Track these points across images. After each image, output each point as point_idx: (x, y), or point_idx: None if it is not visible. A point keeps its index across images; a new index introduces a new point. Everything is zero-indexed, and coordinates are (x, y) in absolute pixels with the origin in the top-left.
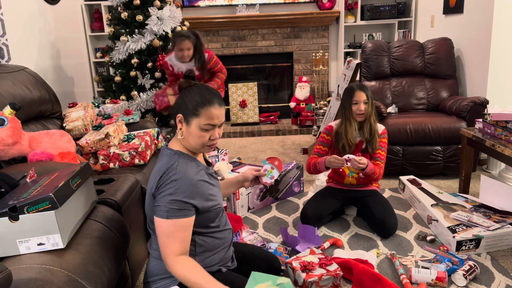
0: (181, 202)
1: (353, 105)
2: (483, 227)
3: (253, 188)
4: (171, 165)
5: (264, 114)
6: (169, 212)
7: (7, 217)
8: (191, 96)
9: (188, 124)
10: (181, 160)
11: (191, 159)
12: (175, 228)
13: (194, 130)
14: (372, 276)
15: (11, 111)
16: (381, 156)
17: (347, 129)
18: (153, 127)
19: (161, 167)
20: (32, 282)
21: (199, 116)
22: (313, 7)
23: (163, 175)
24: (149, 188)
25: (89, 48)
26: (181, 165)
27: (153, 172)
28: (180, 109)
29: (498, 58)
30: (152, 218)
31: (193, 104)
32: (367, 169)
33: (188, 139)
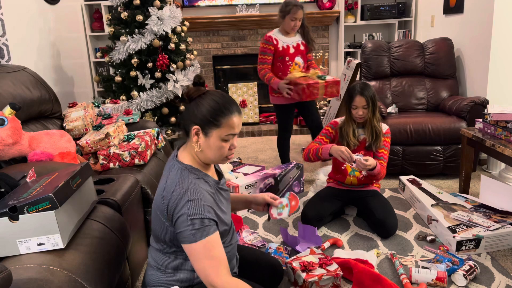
0: (201, 219)
1: (352, 109)
2: (483, 227)
3: (253, 188)
4: (183, 185)
5: (264, 114)
6: (195, 235)
7: (7, 217)
8: (208, 105)
9: (207, 135)
10: (192, 177)
11: (202, 175)
12: (207, 248)
13: (214, 141)
14: (372, 276)
15: (11, 111)
16: (384, 155)
17: (348, 130)
18: (153, 127)
19: (171, 186)
20: (32, 282)
21: (220, 127)
22: (313, 7)
23: (173, 195)
24: (157, 204)
25: (89, 48)
26: (192, 184)
27: (163, 187)
28: (196, 120)
29: (498, 58)
30: (159, 235)
31: (212, 113)
32: (375, 170)
33: (206, 152)
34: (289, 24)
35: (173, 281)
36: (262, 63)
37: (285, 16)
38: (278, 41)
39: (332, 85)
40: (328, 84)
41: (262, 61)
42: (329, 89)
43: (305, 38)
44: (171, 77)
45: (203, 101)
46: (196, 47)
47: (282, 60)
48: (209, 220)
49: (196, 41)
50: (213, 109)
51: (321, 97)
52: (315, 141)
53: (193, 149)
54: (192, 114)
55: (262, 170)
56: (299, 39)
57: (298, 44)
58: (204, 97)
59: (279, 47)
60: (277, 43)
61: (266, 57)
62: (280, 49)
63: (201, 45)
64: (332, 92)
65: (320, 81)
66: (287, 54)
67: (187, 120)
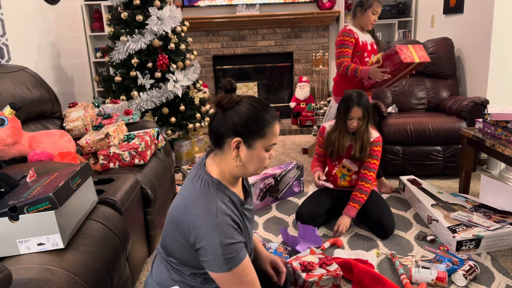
0: (233, 244)
1: (348, 119)
2: (483, 227)
3: (253, 188)
4: (211, 204)
5: None
6: (228, 264)
7: (7, 217)
8: (249, 114)
9: (250, 147)
10: (220, 196)
11: (229, 193)
12: (240, 276)
13: (259, 153)
14: (372, 276)
15: (11, 111)
16: (371, 165)
17: (339, 139)
18: (153, 127)
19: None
20: (32, 282)
21: (265, 137)
22: (313, 7)
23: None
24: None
25: (89, 48)
26: (221, 203)
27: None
28: (236, 131)
29: (498, 58)
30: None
31: (257, 123)
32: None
33: (248, 165)
34: (369, 19)
35: None
36: (342, 56)
37: (366, 9)
38: (358, 35)
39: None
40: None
41: (342, 54)
42: (419, 52)
43: (375, 38)
44: (171, 77)
45: (241, 110)
46: (196, 47)
47: (360, 56)
48: (240, 244)
49: (196, 41)
50: (257, 117)
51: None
52: (316, 154)
53: (224, 162)
54: (229, 125)
55: None
56: (371, 38)
57: (372, 42)
58: (241, 104)
59: (359, 42)
60: (358, 37)
61: (347, 49)
62: (360, 43)
63: (201, 45)
64: (423, 56)
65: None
66: (366, 50)
67: (221, 131)
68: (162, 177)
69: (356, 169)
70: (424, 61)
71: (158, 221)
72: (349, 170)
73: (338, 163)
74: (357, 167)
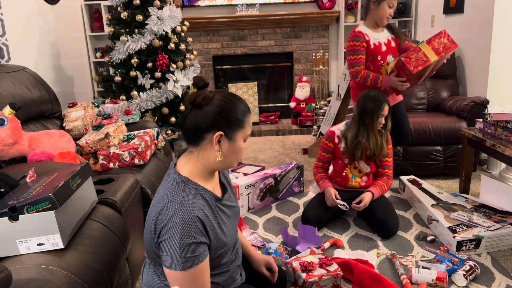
0: (193, 244)
1: (380, 117)
2: (484, 227)
3: (253, 188)
4: (175, 201)
5: (264, 114)
6: (184, 263)
7: (7, 217)
8: (228, 107)
9: (231, 139)
10: (187, 193)
11: (199, 189)
12: (194, 278)
13: (239, 144)
14: (372, 276)
15: (11, 111)
16: (389, 163)
17: (371, 140)
18: (153, 127)
19: (163, 199)
20: (32, 282)
21: (244, 127)
22: (313, 7)
23: (163, 211)
24: (149, 217)
25: (89, 48)
26: (186, 200)
27: (155, 200)
28: (216, 125)
29: (498, 58)
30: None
31: (236, 114)
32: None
33: (229, 157)
34: (385, 12)
35: None
36: (356, 65)
37: (381, 2)
38: (369, 37)
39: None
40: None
41: (356, 61)
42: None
43: (394, 31)
44: (171, 77)
45: (217, 104)
46: (196, 47)
47: (373, 60)
48: (202, 246)
49: (196, 41)
50: (235, 109)
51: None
52: (318, 159)
53: (203, 159)
54: (207, 121)
55: (262, 170)
56: (388, 35)
57: (389, 40)
58: (216, 99)
59: (370, 44)
60: (369, 39)
61: (360, 56)
62: (371, 46)
63: (201, 45)
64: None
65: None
66: (379, 52)
67: (200, 127)
68: (162, 177)
69: (368, 170)
70: (447, 52)
71: None
72: (360, 171)
73: (350, 164)
74: (369, 168)
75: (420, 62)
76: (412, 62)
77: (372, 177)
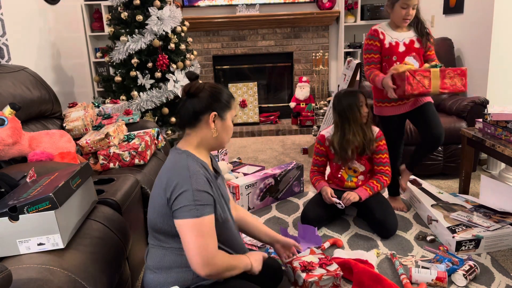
0: (203, 192)
1: (361, 107)
2: (483, 227)
3: (253, 188)
4: (183, 163)
5: (264, 114)
6: (198, 210)
7: (7, 217)
8: (218, 92)
9: (223, 118)
10: (190, 159)
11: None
12: (208, 226)
13: (228, 123)
14: (372, 276)
15: (11, 111)
16: (383, 160)
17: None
18: (153, 127)
19: (171, 167)
20: (32, 282)
21: (231, 108)
22: (313, 7)
23: (174, 174)
24: (156, 191)
25: (89, 48)
26: (192, 164)
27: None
28: (211, 107)
29: (498, 58)
30: (158, 225)
31: (225, 98)
32: (364, 197)
33: (222, 135)
34: (399, 14)
35: (172, 280)
36: (367, 64)
37: (394, 4)
38: (385, 35)
39: (453, 74)
40: (447, 72)
41: (368, 61)
42: (448, 80)
43: (420, 34)
44: (171, 77)
45: (209, 91)
46: (196, 47)
47: (388, 60)
48: (209, 197)
49: (196, 41)
50: (223, 94)
51: (436, 91)
52: (313, 164)
53: (200, 138)
54: (202, 104)
55: (262, 170)
56: (413, 35)
57: (411, 41)
58: (207, 88)
59: (385, 43)
60: (384, 38)
61: (372, 55)
62: (386, 45)
63: (201, 45)
64: (454, 85)
65: (432, 69)
66: (395, 52)
67: (197, 111)
68: None
69: (363, 169)
70: (452, 91)
71: None
72: (355, 171)
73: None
74: (364, 167)
75: (420, 87)
76: (413, 82)
77: (368, 175)
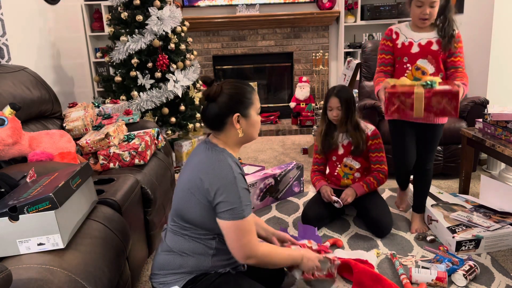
0: (247, 191)
1: (328, 110)
2: (483, 228)
3: (253, 188)
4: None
5: (264, 114)
6: (246, 211)
7: (7, 217)
8: (237, 91)
9: (247, 117)
10: (229, 158)
11: (234, 159)
12: (249, 224)
13: (254, 118)
14: (372, 276)
15: (11, 111)
16: (379, 158)
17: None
18: (153, 127)
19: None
20: (32, 282)
21: (254, 103)
22: (313, 7)
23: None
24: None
25: (89, 48)
26: (231, 162)
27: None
28: (233, 109)
29: (498, 58)
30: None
31: (245, 95)
32: (359, 193)
33: (250, 131)
34: (415, 13)
35: (188, 264)
36: (378, 65)
37: (411, 1)
38: (399, 35)
39: (441, 97)
40: (433, 95)
41: (379, 61)
42: (435, 104)
43: (443, 33)
44: (171, 77)
45: (227, 92)
46: (196, 47)
47: (399, 62)
48: (250, 195)
49: (196, 41)
50: (242, 90)
51: (419, 115)
52: (313, 163)
53: (229, 139)
54: (224, 108)
55: (262, 170)
56: (433, 36)
57: (429, 42)
58: (225, 89)
59: (397, 43)
60: (397, 38)
61: (383, 56)
62: (398, 45)
63: (201, 45)
64: (442, 110)
65: (417, 89)
66: (407, 53)
67: (221, 115)
68: (162, 177)
69: (358, 166)
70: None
71: (158, 221)
72: (351, 168)
73: (339, 162)
74: (359, 164)
75: (400, 110)
76: (392, 105)
77: (365, 173)
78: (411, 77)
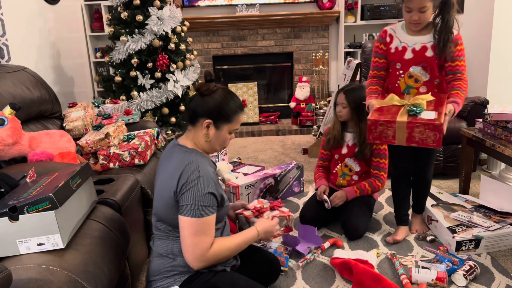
0: (209, 195)
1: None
2: (483, 228)
3: (253, 188)
4: (192, 162)
5: (264, 114)
6: (201, 211)
7: (7, 217)
8: (222, 102)
9: (218, 129)
10: (199, 157)
11: (207, 158)
12: (207, 226)
13: (224, 134)
14: (372, 276)
15: (11, 111)
16: (380, 165)
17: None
18: (153, 127)
19: (180, 164)
20: (32, 282)
21: (232, 122)
22: (313, 7)
23: (183, 172)
24: (164, 184)
25: (89, 48)
26: (200, 162)
27: (168, 169)
28: (209, 114)
29: (498, 58)
30: (164, 217)
31: (227, 111)
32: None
33: (214, 142)
34: (405, 18)
35: (179, 265)
36: (371, 68)
37: (402, 5)
38: (393, 38)
39: (423, 129)
40: (416, 126)
41: (372, 65)
42: (417, 134)
43: (439, 37)
44: (171, 77)
45: (215, 98)
46: (196, 47)
47: (393, 67)
48: (214, 199)
49: (196, 41)
50: (228, 106)
51: (400, 143)
52: (319, 158)
53: (197, 138)
54: (204, 108)
55: (262, 170)
56: (429, 40)
57: (424, 47)
58: (216, 93)
59: (391, 48)
60: (390, 41)
61: (376, 60)
62: (392, 50)
63: (201, 45)
64: (424, 140)
65: (400, 118)
66: (400, 59)
67: (197, 112)
68: None
69: (358, 169)
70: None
71: None
72: (351, 170)
73: (341, 161)
74: (359, 167)
75: (382, 137)
76: (374, 132)
77: (363, 177)
78: (404, 85)
